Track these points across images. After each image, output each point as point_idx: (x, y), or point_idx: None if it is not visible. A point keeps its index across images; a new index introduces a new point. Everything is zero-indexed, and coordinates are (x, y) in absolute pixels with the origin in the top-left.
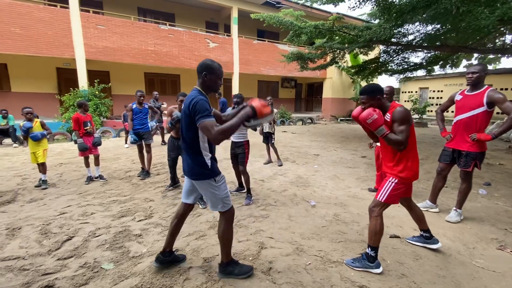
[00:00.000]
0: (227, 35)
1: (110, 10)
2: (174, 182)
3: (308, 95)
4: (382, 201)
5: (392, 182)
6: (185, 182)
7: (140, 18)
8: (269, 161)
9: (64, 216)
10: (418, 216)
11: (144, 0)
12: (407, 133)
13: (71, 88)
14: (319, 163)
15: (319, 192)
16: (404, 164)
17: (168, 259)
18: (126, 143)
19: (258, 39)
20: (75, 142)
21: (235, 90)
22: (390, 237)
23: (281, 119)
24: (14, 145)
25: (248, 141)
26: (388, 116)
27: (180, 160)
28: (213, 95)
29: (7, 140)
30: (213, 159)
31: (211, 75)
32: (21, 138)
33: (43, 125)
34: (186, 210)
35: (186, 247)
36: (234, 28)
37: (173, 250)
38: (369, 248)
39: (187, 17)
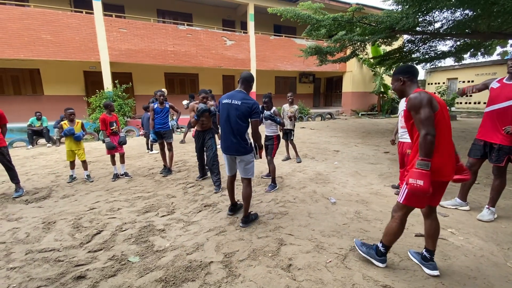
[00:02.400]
0: (243, 32)
1: (131, 14)
2: (203, 174)
3: (327, 90)
4: (401, 202)
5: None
6: (227, 160)
7: (160, 20)
8: (288, 158)
9: (93, 211)
10: (430, 231)
11: (163, 1)
12: (427, 119)
13: (97, 90)
14: (339, 159)
15: (340, 189)
16: None
17: (238, 207)
18: (148, 148)
19: (275, 35)
20: (103, 141)
21: (253, 87)
22: (415, 235)
23: (299, 115)
24: (48, 145)
25: (278, 135)
26: (405, 105)
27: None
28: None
29: (42, 140)
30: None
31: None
32: (54, 138)
33: (82, 125)
34: (233, 178)
35: (206, 242)
36: (251, 24)
37: (236, 201)
38: (381, 243)
39: (204, 16)
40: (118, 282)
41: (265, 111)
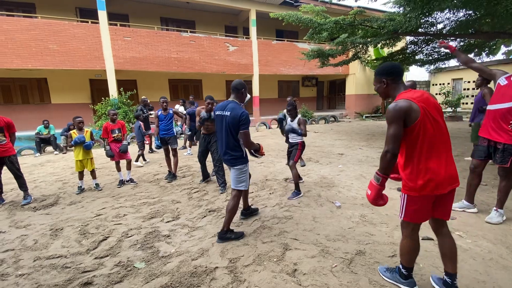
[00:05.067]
0: (246, 38)
1: (135, 22)
2: (205, 177)
3: (330, 93)
4: (402, 218)
5: (404, 195)
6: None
7: (163, 27)
8: None
9: (99, 217)
10: (443, 249)
11: (166, 9)
12: (391, 137)
13: (102, 98)
14: (343, 162)
15: (345, 193)
16: (409, 169)
17: (249, 212)
18: (137, 160)
19: (277, 39)
20: (105, 148)
21: (255, 91)
22: (422, 239)
23: (303, 118)
24: (55, 152)
25: (303, 141)
26: None
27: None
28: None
29: (49, 148)
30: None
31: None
32: (61, 146)
33: (90, 134)
34: None
35: (211, 247)
36: (253, 30)
37: (250, 205)
38: (401, 265)
39: (207, 22)
40: None
41: (286, 124)
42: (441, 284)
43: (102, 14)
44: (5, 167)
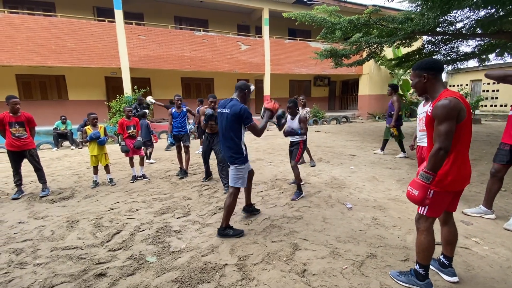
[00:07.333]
0: (258, 37)
1: (150, 21)
2: (208, 175)
3: (342, 93)
4: (425, 214)
5: (430, 191)
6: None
7: (177, 26)
8: (302, 162)
9: (113, 211)
10: (449, 237)
11: (180, 8)
12: (447, 134)
13: (117, 95)
14: (355, 163)
15: (356, 194)
16: (444, 167)
17: (250, 210)
18: (148, 158)
19: (289, 38)
20: (119, 144)
21: (267, 91)
22: (435, 244)
23: (314, 118)
24: (72, 147)
25: (304, 140)
26: (430, 109)
27: (212, 153)
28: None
29: (66, 143)
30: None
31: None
32: (77, 141)
33: (104, 130)
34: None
35: (221, 244)
36: (265, 29)
37: (251, 204)
38: (417, 265)
39: (220, 21)
40: (137, 281)
41: (285, 126)
42: (437, 265)
43: (118, 13)
44: (25, 160)
